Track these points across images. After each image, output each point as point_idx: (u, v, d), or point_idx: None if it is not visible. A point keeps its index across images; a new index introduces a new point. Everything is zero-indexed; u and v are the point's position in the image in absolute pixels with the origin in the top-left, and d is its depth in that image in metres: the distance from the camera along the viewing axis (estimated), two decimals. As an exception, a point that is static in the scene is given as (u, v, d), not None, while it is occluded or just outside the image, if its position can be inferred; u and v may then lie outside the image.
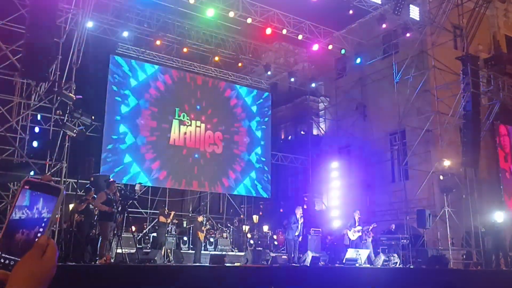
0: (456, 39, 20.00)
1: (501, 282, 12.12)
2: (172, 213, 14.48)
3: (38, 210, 1.01)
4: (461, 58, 17.60)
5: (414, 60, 18.69)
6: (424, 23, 18.57)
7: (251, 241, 17.32)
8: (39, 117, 15.15)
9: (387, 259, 14.02)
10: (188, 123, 19.39)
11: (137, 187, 13.82)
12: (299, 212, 13.14)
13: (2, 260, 0.98)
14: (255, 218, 19.56)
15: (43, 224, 1.01)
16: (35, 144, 14.61)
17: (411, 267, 13.86)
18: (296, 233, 13.06)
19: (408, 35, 18.76)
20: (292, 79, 22.72)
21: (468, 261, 16.63)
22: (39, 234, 1.00)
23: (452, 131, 18.31)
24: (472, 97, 17.02)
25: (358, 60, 20.55)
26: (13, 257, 0.98)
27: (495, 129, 19.86)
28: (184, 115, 19.32)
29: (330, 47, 20.00)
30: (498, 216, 15.81)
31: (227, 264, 10.99)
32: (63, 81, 13.57)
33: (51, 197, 1.02)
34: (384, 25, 18.15)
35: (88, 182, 12.24)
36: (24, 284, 0.94)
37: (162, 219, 14.04)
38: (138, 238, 15.34)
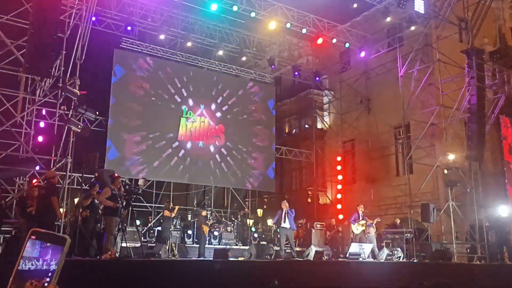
0: (461, 32, 19.84)
1: (505, 276, 12.12)
2: (177, 207, 14.56)
3: (45, 260, 1.05)
4: (466, 52, 17.48)
5: (419, 53, 18.59)
6: (429, 16, 18.43)
7: (255, 235, 17.39)
8: (44, 112, 15.22)
9: (391, 253, 14.03)
10: (194, 120, 19.44)
11: (140, 182, 13.90)
12: (284, 205, 13.17)
13: None
14: (260, 212, 19.62)
15: (49, 274, 1.05)
16: (40, 139, 14.68)
17: (415, 261, 13.87)
18: (286, 226, 13.02)
19: (412, 28, 18.64)
20: (296, 73, 22.67)
21: (472, 255, 16.62)
22: (46, 284, 1.04)
23: (456, 124, 18.22)
24: (477, 91, 16.91)
25: (363, 54, 20.46)
26: None
27: (500, 122, 19.74)
28: (190, 113, 19.37)
29: (334, 40, 19.92)
30: (503, 210, 15.78)
31: (231, 259, 11.04)
32: (68, 77, 13.61)
33: (57, 247, 1.06)
34: (388, 18, 18.03)
35: (93, 177, 12.30)
36: None
37: (166, 213, 14.13)
38: (142, 232, 15.44)
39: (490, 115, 19.12)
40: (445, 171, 17.35)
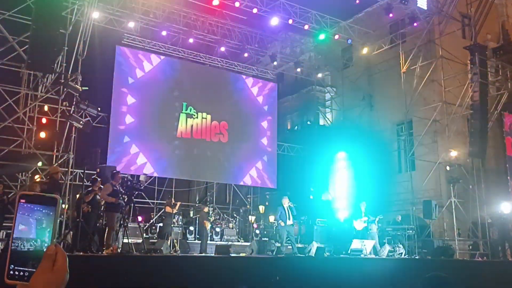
0: (464, 28, 19.79)
1: (507, 273, 12.10)
2: (178, 203, 14.57)
3: (38, 222, 1.05)
4: (469, 48, 17.42)
5: (422, 49, 18.53)
6: (432, 12, 18.36)
7: (257, 231, 17.40)
8: (46, 108, 15.24)
9: (393, 249, 14.03)
10: (195, 115, 19.43)
11: (142, 178, 13.92)
12: (286, 201, 13.12)
13: (16, 273, 1.03)
14: (261, 208, 19.62)
15: (47, 234, 1.05)
16: (42, 135, 14.71)
17: (417, 257, 13.86)
18: (289, 222, 12.99)
19: (415, 24, 18.58)
20: (299, 69, 22.62)
21: (474, 251, 16.60)
22: (45, 245, 1.05)
23: (459, 121, 18.19)
24: (480, 87, 16.87)
25: (365, 50, 20.40)
26: (26, 269, 1.04)
27: (502, 119, 19.68)
28: (191, 108, 19.36)
29: (336, 37, 19.85)
30: (505, 207, 15.75)
31: (233, 255, 11.05)
32: (70, 73, 13.63)
33: (49, 208, 1.06)
34: (391, 15, 17.97)
35: (95, 173, 12.32)
36: None
37: (168, 209, 14.14)
38: (144, 228, 15.47)
39: (493, 112, 19.08)
40: (448, 168, 17.34)
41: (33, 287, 1.02)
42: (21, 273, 1.03)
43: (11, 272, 1.04)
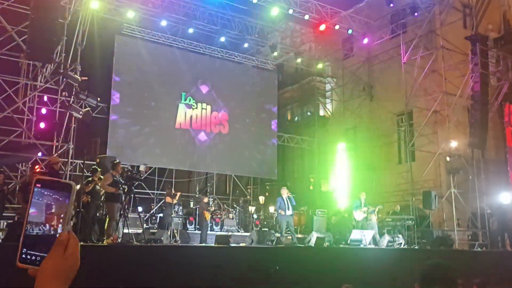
0: (465, 18, 19.67)
1: (506, 263, 12.15)
2: (178, 193, 14.58)
3: (53, 207, 1.06)
4: (470, 38, 17.34)
5: (422, 40, 18.44)
6: (433, 2, 18.26)
7: (257, 222, 17.42)
8: (45, 98, 15.22)
9: (392, 240, 14.07)
10: (194, 106, 19.40)
11: (142, 168, 13.91)
12: (284, 192, 13.15)
13: (28, 257, 1.04)
14: (261, 199, 19.65)
15: (60, 221, 1.06)
16: (42, 125, 14.70)
17: (416, 248, 13.91)
18: (288, 213, 13.02)
19: (416, 14, 18.46)
20: (299, 60, 22.52)
21: (473, 242, 16.65)
22: (59, 230, 1.05)
23: (459, 112, 18.14)
24: (481, 78, 16.82)
25: (365, 40, 20.30)
26: (38, 253, 1.04)
27: (503, 109, 19.65)
28: (190, 99, 19.31)
29: (337, 27, 19.74)
30: (505, 197, 15.77)
31: (233, 245, 11.09)
32: (69, 63, 13.59)
33: (64, 193, 1.07)
34: (392, 5, 17.86)
35: (94, 163, 12.33)
36: (51, 280, 1.01)
37: (168, 199, 14.16)
38: (145, 218, 15.51)
39: (494, 102, 19.03)
40: (448, 159, 17.32)
41: (43, 271, 1.02)
42: (33, 257, 1.04)
43: (23, 256, 1.04)
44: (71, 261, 1.04)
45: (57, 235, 1.05)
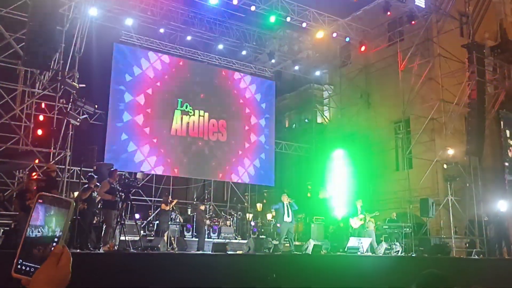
0: (462, 26, 19.77)
1: (503, 271, 12.13)
2: (175, 201, 14.54)
3: (51, 223, 1.12)
4: (467, 46, 17.45)
5: (419, 48, 18.53)
6: (430, 10, 18.37)
7: (254, 229, 17.41)
8: (43, 105, 15.22)
9: (389, 247, 14.06)
10: (191, 113, 19.40)
11: (139, 176, 13.91)
12: (285, 198, 13.16)
13: (23, 267, 1.10)
14: (259, 206, 19.63)
15: (57, 235, 1.12)
16: (39, 132, 14.69)
17: (413, 255, 13.89)
18: (288, 220, 13.02)
19: (413, 22, 18.58)
20: (296, 67, 22.61)
21: (471, 249, 16.64)
22: (54, 244, 1.11)
23: (456, 119, 18.19)
24: (478, 86, 16.91)
25: (363, 48, 20.39)
26: (33, 264, 1.10)
27: (500, 117, 19.72)
28: (186, 105, 19.32)
29: (334, 34, 19.85)
30: (502, 205, 15.78)
31: (230, 252, 11.07)
32: (67, 70, 13.60)
33: (63, 210, 1.13)
34: (389, 13, 17.97)
35: (92, 170, 12.31)
36: None
37: (163, 206, 14.13)
38: (142, 226, 15.46)
39: (490, 110, 19.11)
40: (445, 166, 17.36)
41: (36, 281, 1.08)
42: (28, 269, 1.09)
43: (19, 267, 1.09)
44: (62, 272, 1.10)
45: (52, 249, 1.11)
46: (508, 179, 19.06)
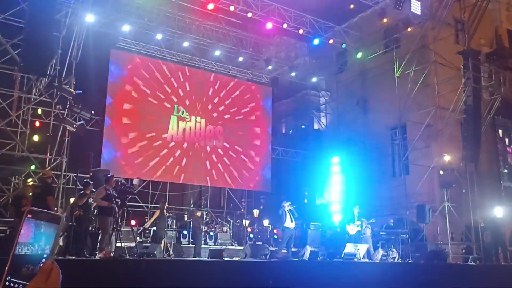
0: (457, 33, 19.90)
1: (500, 276, 12.15)
2: (165, 206, 14.45)
3: (41, 239, 1.11)
4: (463, 53, 17.54)
5: (415, 54, 18.61)
6: (426, 17, 18.48)
7: (251, 235, 17.37)
8: (39, 111, 15.19)
9: (386, 253, 14.05)
10: (187, 119, 19.40)
11: (135, 182, 13.87)
12: (286, 205, 13.18)
13: (12, 284, 1.07)
14: (256, 212, 19.60)
15: (46, 251, 1.10)
16: (35, 138, 14.65)
17: (410, 261, 13.89)
18: (291, 225, 13.04)
19: (409, 29, 18.69)
20: (293, 73, 22.67)
21: (467, 255, 16.65)
22: (43, 260, 1.09)
23: (452, 125, 18.26)
24: (473, 92, 16.98)
25: (359, 55, 20.47)
26: (21, 281, 1.07)
27: (495, 123, 19.81)
28: (183, 111, 19.32)
29: (331, 41, 19.92)
30: (498, 211, 15.83)
31: (226, 259, 11.04)
32: (63, 76, 13.60)
33: (53, 225, 1.12)
34: (385, 20, 18.10)
35: (88, 176, 12.28)
36: None
37: (156, 213, 14.05)
38: (138, 232, 15.40)
39: (486, 116, 19.19)
40: (441, 172, 17.40)
41: None
42: (16, 286, 1.07)
43: (7, 284, 1.07)
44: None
45: (41, 265, 1.09)
46: (504, 185, 19.12)
